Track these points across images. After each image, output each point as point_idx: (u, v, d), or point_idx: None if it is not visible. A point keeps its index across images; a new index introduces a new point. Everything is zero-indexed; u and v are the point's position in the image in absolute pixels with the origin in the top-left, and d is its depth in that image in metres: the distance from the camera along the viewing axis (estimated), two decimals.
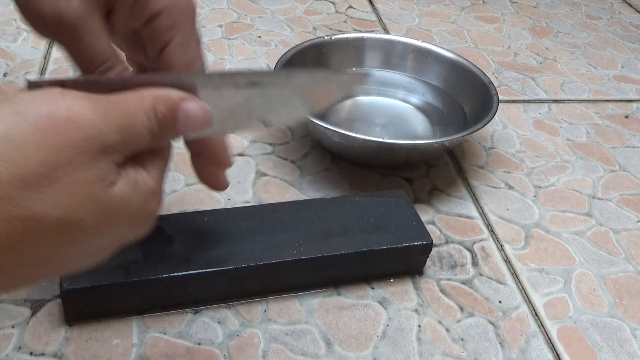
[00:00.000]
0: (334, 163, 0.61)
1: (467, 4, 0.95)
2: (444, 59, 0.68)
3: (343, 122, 0.65)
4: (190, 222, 0.48)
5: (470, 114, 0.63)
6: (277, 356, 0.44)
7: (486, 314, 0.48)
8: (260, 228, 0.47)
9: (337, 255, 0.47)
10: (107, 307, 0.44)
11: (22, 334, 0.43)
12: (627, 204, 0.61)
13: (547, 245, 0.55)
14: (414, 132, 0.64)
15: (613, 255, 0.55)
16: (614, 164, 0.66)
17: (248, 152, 0.61)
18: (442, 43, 0.83)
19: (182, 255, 0.45)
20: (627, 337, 0.48)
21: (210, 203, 0.54)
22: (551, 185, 0.62)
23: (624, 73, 0.82)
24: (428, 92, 0.68)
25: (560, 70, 0.81)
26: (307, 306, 0.47)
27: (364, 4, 0.91)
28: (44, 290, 0.46)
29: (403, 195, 0.52)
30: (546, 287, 0.51)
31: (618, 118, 0.73)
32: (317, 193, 0.57)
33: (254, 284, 0.46)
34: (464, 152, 0.64)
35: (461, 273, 0.51)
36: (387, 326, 0.47)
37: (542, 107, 0.73)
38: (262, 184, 0.57)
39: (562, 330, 0.48)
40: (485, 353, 0.46)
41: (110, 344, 0.43)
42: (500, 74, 0.78)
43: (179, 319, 0.45)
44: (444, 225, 0.56)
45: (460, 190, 0.60)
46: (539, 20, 0.93)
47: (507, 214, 0.58)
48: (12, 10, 0.78)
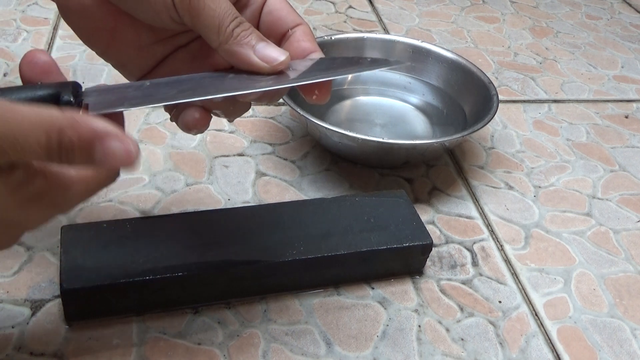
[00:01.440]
0: (334, 163, 0.61)
1: (467, 4, 0.95)
2: (444, 59, 0.68)
3: (343, 122, 0.65)
4: (190, 222, 0.48)
5: (470, 114, 0.63)
6: (277, 356, 0.44)
7: (486, 314, 0.48)
8: (260, 228, 0.47)
9: (337, 255, 0.47)
10: (107, 307, 0.44)
11: (22, 334, 0.43)
12: (627, 204, 0.61)
13: (547, 245, 0.55)
14: (414, 132, 0.64)
15: (613, 255, 0.55)
16: (614, 164, 0.66)
17: (248, 152, 0.61)
18: (442, 43, 0.83)
19: (181, 256, 0.45)
20: (627, 337, 0.48)
21: (210, 203, 0.54)
22: (551, 185, 0.62)
23: (624, 73, 0.82)
24: (428, 92, 0.68)
25: (560, 70, 0.81)
26: (307, 306, 0.47)
27: (364, 4, 0.91)
28: (44, 290, 0.46)
29: (403, 195, 0.52)
30: (546, 287, 0.51)
31: (618, 118, 0.73)
32: (317, 193, 0.57)
33: (254, 284, 0.46)
34: (464, 152, 0.64)
35: (461, 273, 0.51)
36: (387, 326, 0.47)
37: (542, 107, 0.73)
38: (262, 184, 0.57)
39: (562, 330, 0.48)
40: (485, 353, 0.46)
41: (110, 344, 0.43)
42: (500, 74, 0.78)
43: (179, 319, 0.45)
44: (444, 225, 0.56)
45: (460, 190, 0.60)
46: (539, 20, 0.93)
47: (507, 214, 0.58)
48: (12, 10, 0.78)
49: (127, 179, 0.56)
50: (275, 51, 0.37)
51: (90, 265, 0.43)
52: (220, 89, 0.36)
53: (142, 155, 0.59)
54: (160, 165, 0.58)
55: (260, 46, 0.37)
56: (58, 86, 0.32)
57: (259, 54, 0.36)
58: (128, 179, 0.56)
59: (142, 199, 0.54)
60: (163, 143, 0.60)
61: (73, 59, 0.71)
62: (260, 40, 0.37)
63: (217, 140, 0.61)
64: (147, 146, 0.60)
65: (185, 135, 0.62)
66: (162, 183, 0.56)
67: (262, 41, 0.37)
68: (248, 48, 0.36)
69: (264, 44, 0.37)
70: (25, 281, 0.46)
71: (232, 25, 0.36)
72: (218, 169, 0.58)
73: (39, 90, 0.32)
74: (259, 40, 0.37)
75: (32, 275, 0.47)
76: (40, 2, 0.81)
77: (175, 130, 0.62)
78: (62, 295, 0.42)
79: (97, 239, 0.45)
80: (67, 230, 0.45)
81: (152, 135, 0.61)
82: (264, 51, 0.37)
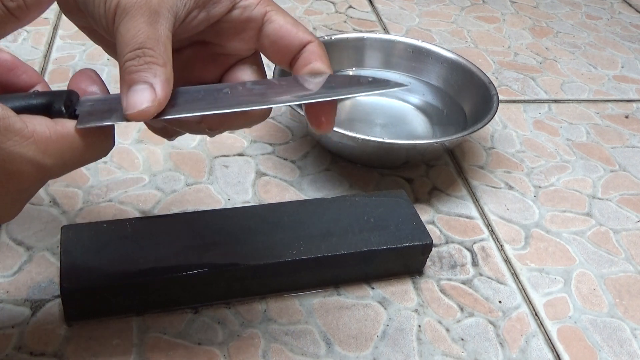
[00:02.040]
0: (334, 163, 0.61)
1: (467, 4, 0.95)
2: (444, 59, 0.68)
3: (343, 122, 0.65)
4: (190, 222, 0.48)
5: (470, 114, 0.63)
6: (277, 356, 0.44)
7: (486, 314, 0.48)
8: (260, 228, 0.47)
9: (337, 255, 0.47)
10: (107, 307, 0.44)
11: (22, 334, 0.43)
12: (627, 204, 0.61)
13: (547, 245, 0.55)
14: (414, 132, 0.64)
15: (613, 255, 0.55)
16: (614, 164, 0.66)
17: (248, 152, 0.61)
18: (442, 43, 0.83)
19: (181, 256, 0.45)
20: (627, 337, 0.48)
21: (210, 203, 0.54)
22: (551, 185, 0.62)
23: (624, 73, 0.82)
24: (428, 92, 0.68)
25: (560, 70, 0.81)
26: (307, 306, 0.47)
27: (364, 4, 0.91)
28: (44, 290, 0.46)
29: (403, 195, 0.53)
30: (546, 287, 0.51)
31: (618, 118, 0.73)
32: (317, 193, 0.57)
33: (254, 284, 0.46)
34: (464, 152, 0.64)
35: (461, 273, 0.51)
36: (387, 326, 0.47)
37: (542, 107, 0.73)
38: (262, 184, 0.57)
39: (562, 330, 0.48)
40: (485, 353, 0.46)
41: (110, 344, 0.43)
42: (500, 74, 0.78)
43: (179, 319, 0.45)
44: (444, 225, 0.56)
45: (460, 190, 0.60)
46: (539, 20, 0.93)
47: (507, 214, 0.58)
48: None
49: (127, 179, 0.56)
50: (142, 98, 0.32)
51: (90, 265, 0.43)
52: (212, 106, 0.34)
53: (142, 155, 0.59)
54: (160, 165, 0.58)
55: (135, 88, 0.32)
56: (52, 95, 0.32)
57: (128, 96, 0.33)
58: (128, 179, 0.56)
59: (142, 199, 0.54)
60: (163, 143, 0.60)
61: (73, 59, 0.71)
62: (142, 82, 0.33)
63: (217, 140, 0.61)
64: (147, 146, 0.60)
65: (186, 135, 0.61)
66: (162, 183, 0.56)
67: (143, 83, 0.33)
68: (125, 86, 0.33)
69: (143, 86, 0.32)
70: (25, 281, 0.46)
71: (128, 57, 0.33)
72: (218, 169, 0.58)
73: (32, 99, 0.32)
74: (140, 82, 0.33)
75: (32, 275, 0.47)
76: None
77: None
78: (62, 295, 0.42)
79: (97, 239, 0.45)
80: (67, 230, 0.45)
81: (152, 135, 0.61)
82: (132, 95, 0.32)
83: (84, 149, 0.32)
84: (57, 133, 0.31)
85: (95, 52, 0.72)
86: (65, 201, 0.53)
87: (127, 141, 0.60)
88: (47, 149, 0.31)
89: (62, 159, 0.32)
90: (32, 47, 0.72)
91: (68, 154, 0.32)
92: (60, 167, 0.32)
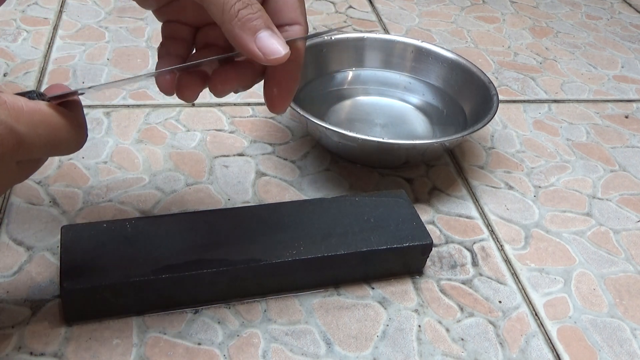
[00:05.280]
0: (334, 163, 0.61)
1: (467, 4, 0.95)
2: (444, 59, 0.68)
3: (343, 122, 0.65)
4: (190, 222, 0.48)
5: (470, 114, 0.63)
6: (277, 356, 0.44)
7: (486, 314, 0.48)
8: (260, 228, 0.47)
9: (337, 255, 0.47)
10: (107, 307, 0.44)
11: (22, 334, 0.43)
12: (627, 204, 0.61)
13: (547, 245, 0.55)
14: (414, 132, 0.64)
15: (613, 255, 0.55)
16: (614, 164, 0.66)
17: (248, 152, 0.61)
18: (442, 43, 0.83)
19: (181, 255, 0.45)
20: (627, 337, 0.48)
21: (210, 203, 0.54)
22: (551, 185, 0.62)
23: (624, 73, 0.82)
24: (428, 92, 0.68)
25: (560, 70, 0.81)
26: (307, 306, 0.47)
27: (364, 4, 0.91)
28: (44, 290, 0.46)
29: (403, 195, 0.53)
30: (546, 287, 0.51)
31: (618, 118, 0.73)
32: (317, 193, 0.57)
33: (254, 284, 0.46)
34: (464, 152, 0.64)
35: (461, 273, 0.51)
36: (387, 326, 0.47)
37: (542, 107, 0.73)
38: (262, 184, 0.57)
39: (562, 330, 0.48)
40: (485, 353, 0.46)
41: (110, 344, 0.43)
42: (500, 74, 0.78)
43: (178, 319, 0.45)
44: (444, 225, 0.56)
45: (460, 190, 0.60)
46: (539, 20, 0.93)
47: (507, 214, 0.58)
48: (12, 10, 0.78)
49: (127, 179, 0.56)
50: (276, 43, 0.34)
51: (90, 265, 0.43)
52: None
53: (142, 155, 0.59)
54: (160, 165, 0.58)
55: (262, 35, 0.34)
56: (27, 92, 0.34)
57: (259, 44, 0.34)
58: (128, 179, 0.56)
59: (142, 199, 0.54)
60: (163, 143, 0.60)
61: (73, 59, 0.71)
62: (266, 27, 0.34)
63: (217, 140, 0.61)
64: (147, 146, 0.60)
65: (186, 135, 0.62)
66: (162, 183, 0.56)
67: (266, 29, 0.34)
68: (249, 34, 0.34)
69: (268, 33, 0.34)
70: (25, 281, 0.46)
71: (238, 6, 0.33)
72: (218, 169, 0.58)
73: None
74: (263, 28, 0.34)
75: (32, 275, 0.47)
76: (40, 2, 0.81)
77: (175, 130, 0.62)
78: (62, 295, 0.42)
79: (97, 239, 0.45)
80: (67, 230, 0.45)
81: (152, 135, 0.61)
82: (265, 41, 0.34)
83: (56, 124, 0.33)
84: (29, 106, 0.32)
85: (95, 52, 0.72)
86: (65, 201, 0.53)
87: (127, 141, 0.60)
88: (19, 117, 0.31)
89: (36, 130, 0.32)
90: (32, 47, 0.72)
91: (41, 127, 0.32)
92: (35, 138, 0.32)
